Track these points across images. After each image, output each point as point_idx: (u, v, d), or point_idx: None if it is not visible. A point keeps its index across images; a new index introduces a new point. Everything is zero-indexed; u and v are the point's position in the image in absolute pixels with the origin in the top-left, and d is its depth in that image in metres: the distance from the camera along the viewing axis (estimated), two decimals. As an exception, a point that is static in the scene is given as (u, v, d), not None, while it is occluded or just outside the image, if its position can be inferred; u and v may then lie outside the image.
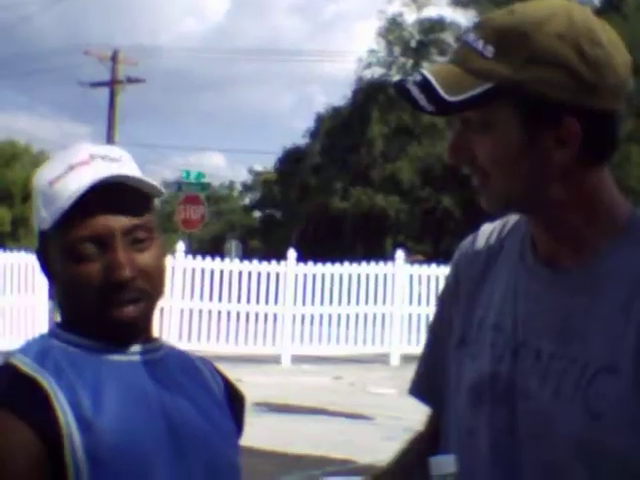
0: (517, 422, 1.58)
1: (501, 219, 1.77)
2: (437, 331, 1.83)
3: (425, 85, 1.55)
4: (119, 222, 1.65)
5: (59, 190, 1.66)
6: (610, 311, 1.55)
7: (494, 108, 1.55)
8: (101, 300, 1.64)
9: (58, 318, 1.75)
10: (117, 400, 1.64)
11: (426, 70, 1.58)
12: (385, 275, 17.46)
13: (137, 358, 1.70)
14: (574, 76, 1.53)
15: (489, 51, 1.55)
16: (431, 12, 43.72)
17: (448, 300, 1.80)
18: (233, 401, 1.84)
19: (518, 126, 1.55)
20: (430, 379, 1.81)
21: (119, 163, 1.70)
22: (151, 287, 1.69)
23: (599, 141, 1.58)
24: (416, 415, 2.07)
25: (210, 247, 36.89)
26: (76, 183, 1.65)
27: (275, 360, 16.81)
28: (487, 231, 1.78)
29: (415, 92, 1.56)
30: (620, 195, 1.64)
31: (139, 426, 1.64)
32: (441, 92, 1.54)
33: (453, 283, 1.80)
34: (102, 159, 1.69)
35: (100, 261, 1.65)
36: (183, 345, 15.83)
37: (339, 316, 17.27)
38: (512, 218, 1.75)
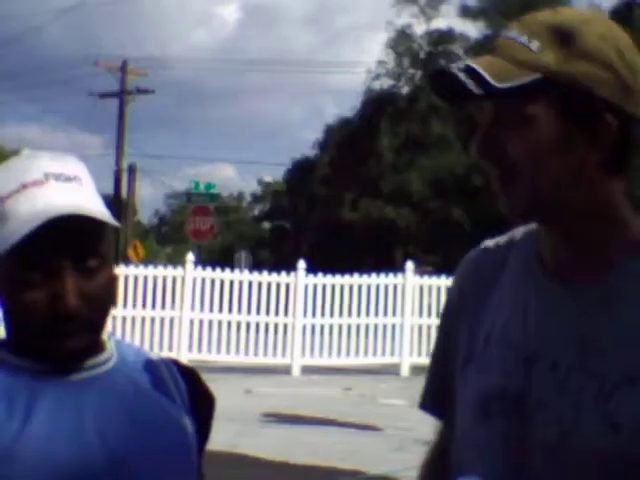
0: (532, 432, 1.56)
1: (503, 235, 1.76)
2: (443, 346, 1.81)
3: (471, 72, 1.53)
4: (69, 250, 1.58)
5: (10, 210, 1.59)
6: (629, 324, 1.55)
7: (535, 101, 1.55)
8: (46, 330, 1.58)
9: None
10: (48, 428, 1.56)
11: (468, 61, 1.56)
12: (395, 286, 17.46)
13: (78, 377, 1.63)
14: (617, 76, 1.55)
15: (535, 45, 1.56)
16: (440, 24, 43.84)
17: (453, 315, 1.78)
18: (198, 406, 1.76)
19: (556, 121, 1.54)
20: (439, 394, 1.80)
21: (74, 183, 1.62)
22: (97, 317, 1.62)
23: (626, 147, 1.58)
24: (426, 426, 2.06)
25: (220, 258, 36.94)
26: (28, 206, 1.58)
27: (285, 371, 16.82)
28: (489, 247, 1.77)
29: (462, 77, 1.53)
30: (631, 209, 1.63)
31: (70, 456, 1.56)
32: (489, 79, 1.52)
33: (457, 298, 1.78)
34: (56, 179, 1.61)
35: (46, 289, 1.57)
36: (193, 356, 15.90)
37: (349, 327, 17.27)
38: (515, 233, 1.74)
